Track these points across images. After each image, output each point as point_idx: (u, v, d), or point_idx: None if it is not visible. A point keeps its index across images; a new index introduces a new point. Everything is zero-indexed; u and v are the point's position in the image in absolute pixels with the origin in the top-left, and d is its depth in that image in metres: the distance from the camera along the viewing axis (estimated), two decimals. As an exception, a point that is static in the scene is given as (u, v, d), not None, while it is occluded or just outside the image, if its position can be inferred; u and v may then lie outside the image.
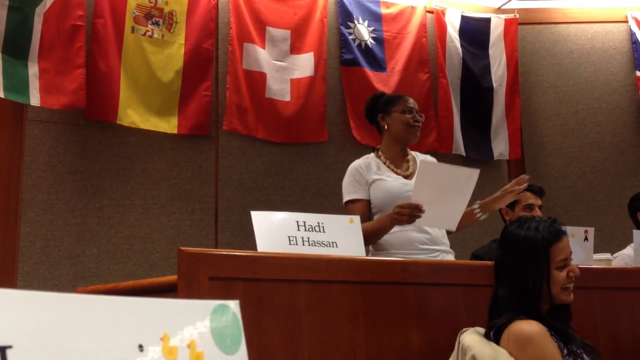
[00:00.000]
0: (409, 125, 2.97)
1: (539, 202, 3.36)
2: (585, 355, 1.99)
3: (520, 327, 1.94)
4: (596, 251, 3.34)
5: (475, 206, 2.89)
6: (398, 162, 3.00)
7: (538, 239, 2.05)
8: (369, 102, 3.13)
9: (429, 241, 2.87)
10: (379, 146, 3.07)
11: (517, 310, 2.00)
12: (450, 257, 2.95)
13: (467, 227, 3.00)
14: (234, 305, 0.83)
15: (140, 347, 0.72)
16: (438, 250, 2.89)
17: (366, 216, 2.91)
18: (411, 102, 3.02)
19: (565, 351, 1.95)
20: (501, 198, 2.87)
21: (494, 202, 2.87)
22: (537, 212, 3.30)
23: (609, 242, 4.76)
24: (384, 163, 2.98)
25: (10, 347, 0.65)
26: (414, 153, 3.11)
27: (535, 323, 1.96)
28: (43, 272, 3.74)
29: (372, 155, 3.05)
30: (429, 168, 2.70)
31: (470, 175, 2.58)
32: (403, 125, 2.98)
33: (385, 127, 3.02)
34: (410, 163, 3.03)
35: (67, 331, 0.67)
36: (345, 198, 2.98)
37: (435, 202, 2.57)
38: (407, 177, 2.96)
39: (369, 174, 2.94)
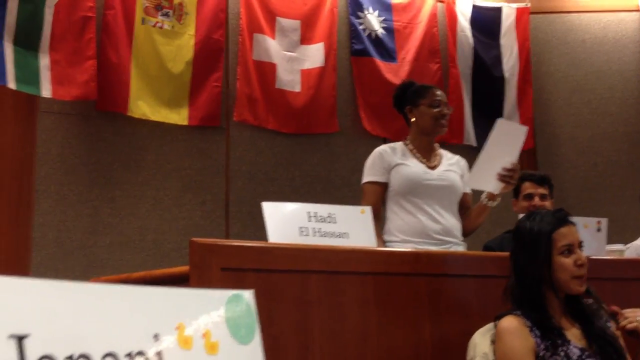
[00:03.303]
0: (437, 119, 2.98)
1: (540, 190, 3.31)
2: (575, 350, 1.99)
3: (500, 322, 2.02)
4: (609, 242, 3.33)
5: (483, 196, 2.95)
6: (425, 153, 3.02)
7: (541, 227, 2.07)
8: (397, 92, 3.13)
9: (443, 232, 2.88)
10: (407, 136, 3.08)
11: (522, 302, 2.02)
12: (461, 249, 2.95)
13: (482, 223, 3.03)
14: (248, 295, 0.84)
15: (156, 336, 0.72)
16: (450, 242, 2.89)
17: (380, 200, 2.95)
18: (439, 94, 3.02)
19: (542, 346, 1.97)
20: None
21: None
22: (537, 201, 3.26)
23: (621, 232, 4.70)
24: (411, 152, 3.00)
25: (27, 335, 0.66)
26: (444, 151, 3.12)
27: (512, 319, 2.01)
28: (56, 262, 3.76)
29: (400, 143, 3.06)
30: (506, 126, 2.87)
31: (519, 134, 2.75)
32: (431, 119, 2.98)
33: (413, 119, 3.03)
34: (437, 157, 3.04)
35: (83, 321, 0.68)
36: (364, 179, 3.00)
37: (492, 163, 2.69)
38: (432, 168, 2.96)
39: (393, 158, 2.96)
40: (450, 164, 3.03)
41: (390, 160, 2.94)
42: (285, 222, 2.13)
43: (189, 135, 4.21)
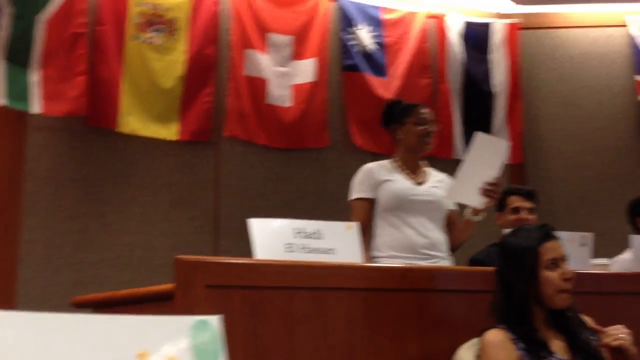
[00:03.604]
0: (422, 136, 3.05)
1: (528, 204, 3.33)
2: None
3: (485, 335, 2.04)
4: (597, 256, 3.34)
5: (467, 211, 2.99)
6: (412, 170, 3.08)
7: (527, 242, 2.10)
8: (384, 110, 3.20)
9: (430, 246, 2.91)
10: (394, 155, 3.13)
11: (507, 315, 2.04)
12: (448, 264, 2.98)
13: (468, 238, 3.05)
14: (214, 320, 0.84)
15: None
16: (437, 257, 2.92)
17: (368, 216, 2.98)
18: (425, 112, 3.09)
19: (526, 359, 1.99)
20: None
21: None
22: (524, 215, 3.28)
23: (610, 246, 4.73)
24: (397, 168, 3.05)
25: None
26: (430, 169, 3.17)
27: (497, 332, 2.03)
28: (44, 279, 3.75)
29: (386, 160, 3.12)
30: (485, 141, 2.89)
31: (501, 148, 2.74)
32: (416, 137, 3.05)
33: (399, 137, 3.09)
34: (424, 174, 3.10)
35: (42, 351, 0.68)
36: (352, 196, 3.05)
37: (473, 177, 2.70)
38: (418, 184, 3.00)
39: (380, 175, 3.02)
40: (436, 180, 3.08)
41: (378, 176, 2.99)
42: (272, 238, 2.14)
43: (179, 151, 4.22)
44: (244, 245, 4.17)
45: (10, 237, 3.73)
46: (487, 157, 2.80)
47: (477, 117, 5.10)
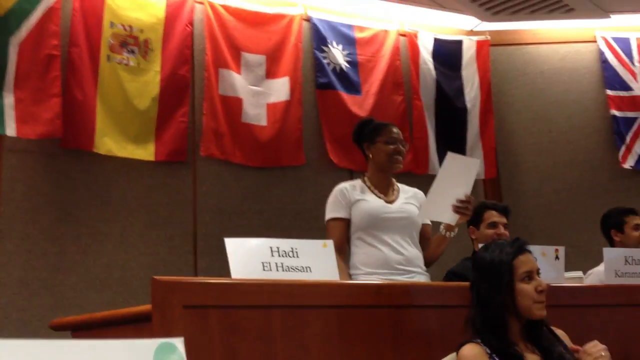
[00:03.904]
0: (391, 155, 3.10)
1: (504, 220, 3.40)
2: None
3: (461, 350, 2.07)
4: (572, 268, 3.39)
5: (441, 227, 3.05)
6: (383, 188, 3.14)
7: (501, 256, 2.15)
8: (355, 129, 3.27)
9: (406, 262, 2.96)
10: (365, 172, 3.20)
11: (483, 329, 2.07)
12: (424, 279, 3.02)
13: (442, 252, 3.11)
14: (179, 343, 0.86)
15: None
16: (413, 272, 2.96)
17: (344, 235, 3.03)
18: (395, 132, 3.16)
19: None
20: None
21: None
22: (501, 230, 3.34)
23: (585, 258, 4.80)
24: (369, 188, 3.11)
25: None
26: (400, 185, 3.22)
27: (473, 346, 2.06)
28: (22, 303, 3.72)
29: (358, 180, 3.19)
30: (456, 159, 2.96)
31: (471, 166, 2.83)
32: (386, 155, 3.11)
33: (370, 156, 3.14)
34: (395, 192, 3.15)
35: None
36: (327, 217, 3.11)
37: (444, 195, 2.80)
38: (390, 202, 3.05)
39: (353, 195, 3.07)
40: (407, 197, 3.13)
41: (351, 196, 3.05)
42: (248, 257, 2.15)
43: (156, 171, 4.22)
44: (222, 263, 4.17)
45: (-15, 261, 3.70)
46: (458, 175, 2.86)
47: (451, 133, 5.17)
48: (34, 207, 3.87)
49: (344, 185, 3.13)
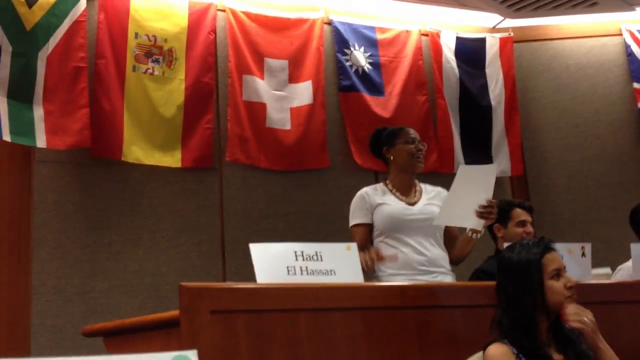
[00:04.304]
0: (413, 154, 3.15)
1: (530, 218, 3.44)
2: None
3: (488, 350, 2.08)
4: (602, 264, 3.38)
5: (468, 231, 3.07)
6: (405, 190, 3.17)
7: (529, 256, 2.16)
8: (372, 138, 3.32)
9: (428, 263, 2.98)
10: (387, 177, 3.24)
11: (513, 331, 2.07)
12: (449, 279, 3.03)
13: (470, 251, 3.12)
14: (192, 355, 0.89)
15: None
16: (436, 272, 2.97)
17: (367, 240, 3.06)
18: (412, 132, 3.22)
19: None
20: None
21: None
22: (529, 228, 3.37)
23: (615, 254, 4.74)
24: (391, 191, 3.13)
25: None
26: (423, 185, 3.25)
27: (499, 346, 2.07)
28: (56, 309, 3.80)
29: (380, 184, 3.23)
30: (470, 171, 3.02)
31: (488, 172, 2.93)
32: (407, 155, 3.16)
33: (391, 158, 3.19)
34: (417, 193, 3.16)
35: None
36: (350, 223, 3.18)
37: (464, 202, 2.84)
38: (411, 204, 3.08)
39: (375, 199, 3.12)
40: (429, 197, 3.15)
41: (372, 201, 3.10)
42: (273, 262, 2.18)
43: (183, 177, 4.28)
44: (250, 267, 4.23)
45: (22, 269, 3.79)
46: (475, 183, 2.89)
47: (476, 131, 5.15)
48: (66, 216, 3.95)
49: (366, 190, 3.17)
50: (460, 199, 2.87)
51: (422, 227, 3.06)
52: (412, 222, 3.05)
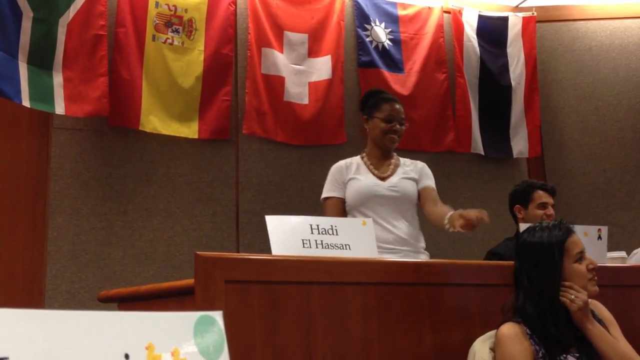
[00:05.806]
0: (386, 133, 3.07)
1: (552, 200, 3.41)
2: (573, 358, 2.04)
3: (500, 329, 2.07)
4: (618, 248, 3.36)
5: (446, 222, 2.79)
6: (378, 164, 3.11)
7: (551, 239, 2.13)
8: (362, 98, 3.28)
9: (395, 241, 2.92)
10: (365, 149, 3.19)
11: (535, 316, 2.06)
12: (423, 257, 2.99)
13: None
14: (217, 316, 0.89)
15: (127, 356, 0.79)
16: (403, 251, 2.92)
17: (340, 213, 3.04)
18: (395, 109, 3.09)
19: (540, 354, 2.02)
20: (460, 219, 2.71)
21: (459, 218, 2.71)
22: (550, 210, 3.35)
23: (631, 238, 4.74)
24: (365, 164, 3.09)
25: (6, 358, 0.73)
26: (402, 160, 3.17)
27: (513, 326, 2.06)
28: (70, 275, 3.85)
29: (357, 157, 3.17)
30: None
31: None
32: (380, 132, 3.09)
33: (367, 129, 3.16)
34: (392, 167, 3.10)
35: (58, 344, 0.74)
36: (322, 195, 3.14)
37: None
38: (382, 178, 3.03)
39: (347, 174, 3.08)
40: (405, 171, 3.08)
41: (345, 175, 3.07)
42: (288, 234, 2.19)
43: (199, 149, 4.29)
44: (264, 240, 4.25)
45: (38, 235, 3.83)
46: None
47: (495, 111, 5.11)
48: (82, 183, 3.98)
49: (340, 164, 3.14)
50: None
51: (390, 204, 2.98)
52: (380, 198, 2.99)
